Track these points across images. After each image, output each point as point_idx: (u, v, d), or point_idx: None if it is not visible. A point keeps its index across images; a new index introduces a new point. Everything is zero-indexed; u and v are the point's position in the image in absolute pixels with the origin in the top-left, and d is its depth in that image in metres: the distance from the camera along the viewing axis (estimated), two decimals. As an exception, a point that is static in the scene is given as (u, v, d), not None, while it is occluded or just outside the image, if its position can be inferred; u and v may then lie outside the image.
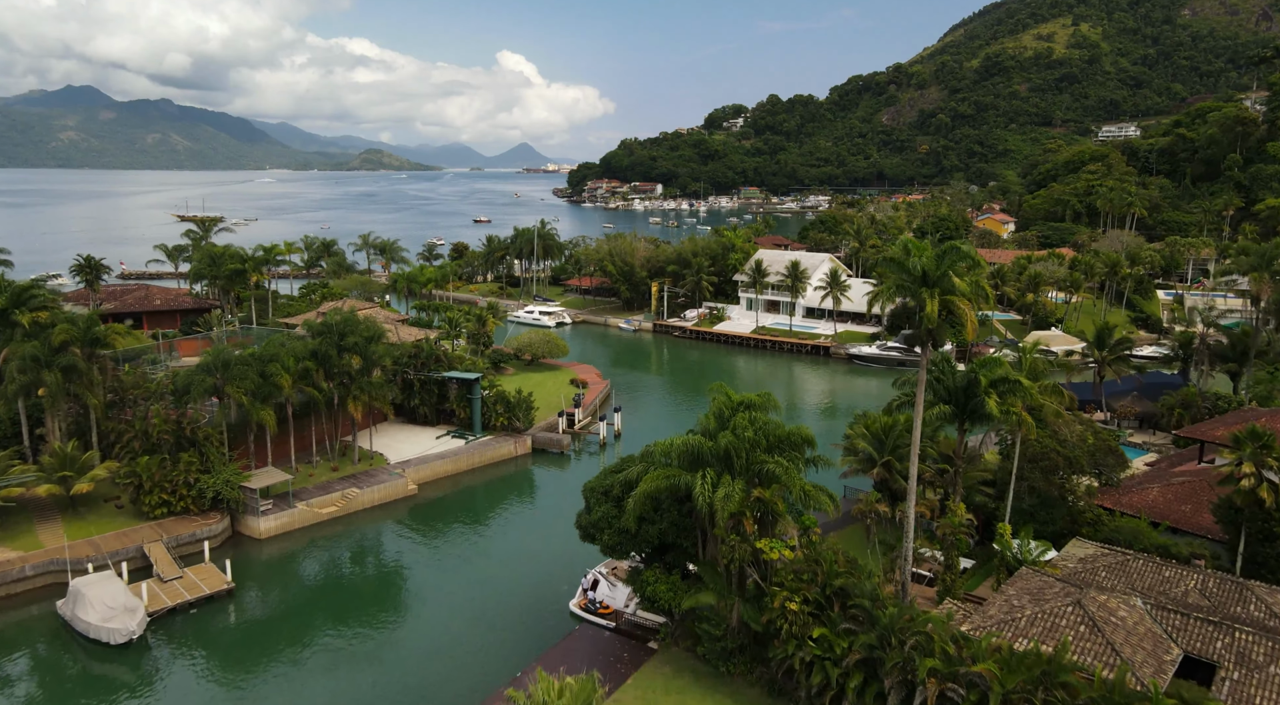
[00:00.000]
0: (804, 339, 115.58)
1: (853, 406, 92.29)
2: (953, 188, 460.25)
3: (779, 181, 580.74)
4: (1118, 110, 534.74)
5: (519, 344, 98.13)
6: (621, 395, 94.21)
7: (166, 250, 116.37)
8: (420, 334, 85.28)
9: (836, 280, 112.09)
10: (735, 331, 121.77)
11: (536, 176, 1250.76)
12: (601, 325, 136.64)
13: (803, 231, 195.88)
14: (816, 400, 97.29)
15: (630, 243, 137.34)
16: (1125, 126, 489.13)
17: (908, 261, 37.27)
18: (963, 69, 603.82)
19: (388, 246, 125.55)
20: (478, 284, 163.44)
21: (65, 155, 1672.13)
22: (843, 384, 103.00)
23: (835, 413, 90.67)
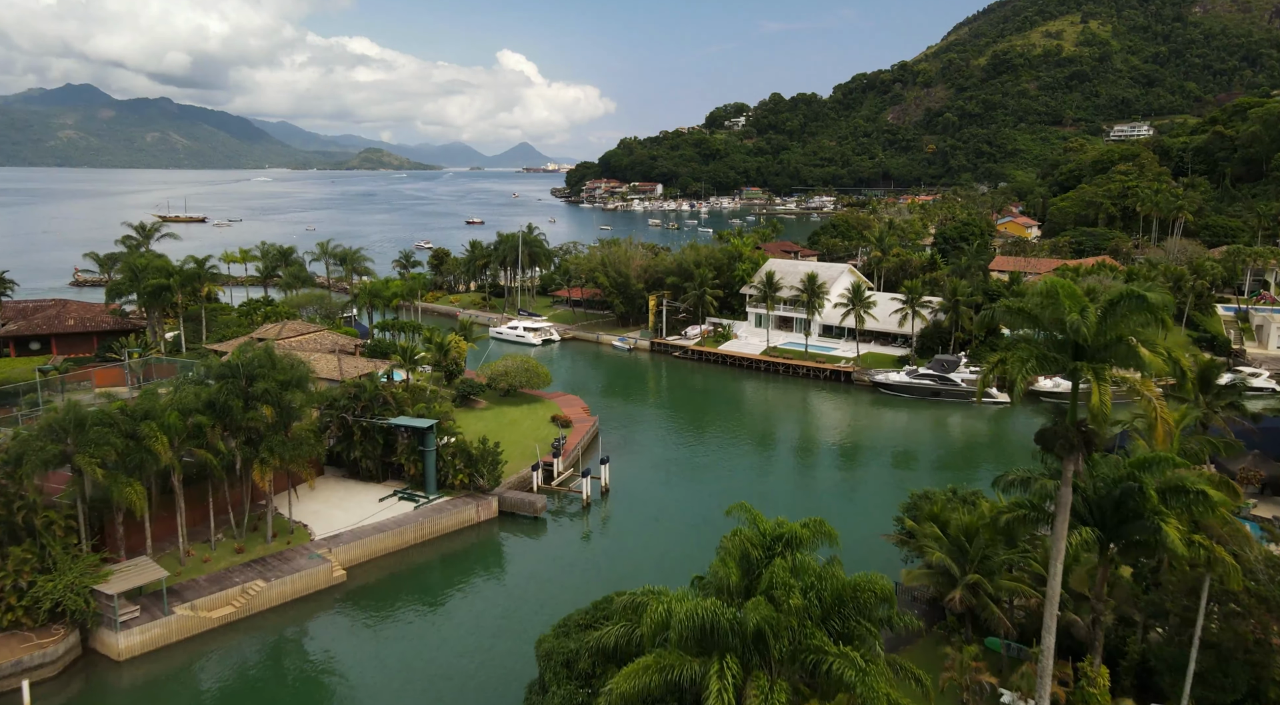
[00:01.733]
0: (821, 362, 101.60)
1: (883, 449, 78.32)
2: (965, 188, 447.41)
3: (782, 182, 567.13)
4: (1130, 109, 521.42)
5: (494, 373, 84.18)
6: (612, 434, 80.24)
7: (98, 258, 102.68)
8: (372, 366, 71.31)
9: (859, 296, 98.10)
10: (743, 352, 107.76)
11: (536, 176, 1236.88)
12: (593, 343, 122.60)
13: (813, 236, 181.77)
14: (838, 438, 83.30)
15: (625, 251, 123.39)
16: (1138, 125, 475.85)
17: (1063, 314, 23.04)
18: (970, 67, 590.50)
19: (349, 255, 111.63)
20: (459, 294, 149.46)
21: (64, 154, 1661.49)
22: (869, 418, 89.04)
23: (863, 457, 76.62)
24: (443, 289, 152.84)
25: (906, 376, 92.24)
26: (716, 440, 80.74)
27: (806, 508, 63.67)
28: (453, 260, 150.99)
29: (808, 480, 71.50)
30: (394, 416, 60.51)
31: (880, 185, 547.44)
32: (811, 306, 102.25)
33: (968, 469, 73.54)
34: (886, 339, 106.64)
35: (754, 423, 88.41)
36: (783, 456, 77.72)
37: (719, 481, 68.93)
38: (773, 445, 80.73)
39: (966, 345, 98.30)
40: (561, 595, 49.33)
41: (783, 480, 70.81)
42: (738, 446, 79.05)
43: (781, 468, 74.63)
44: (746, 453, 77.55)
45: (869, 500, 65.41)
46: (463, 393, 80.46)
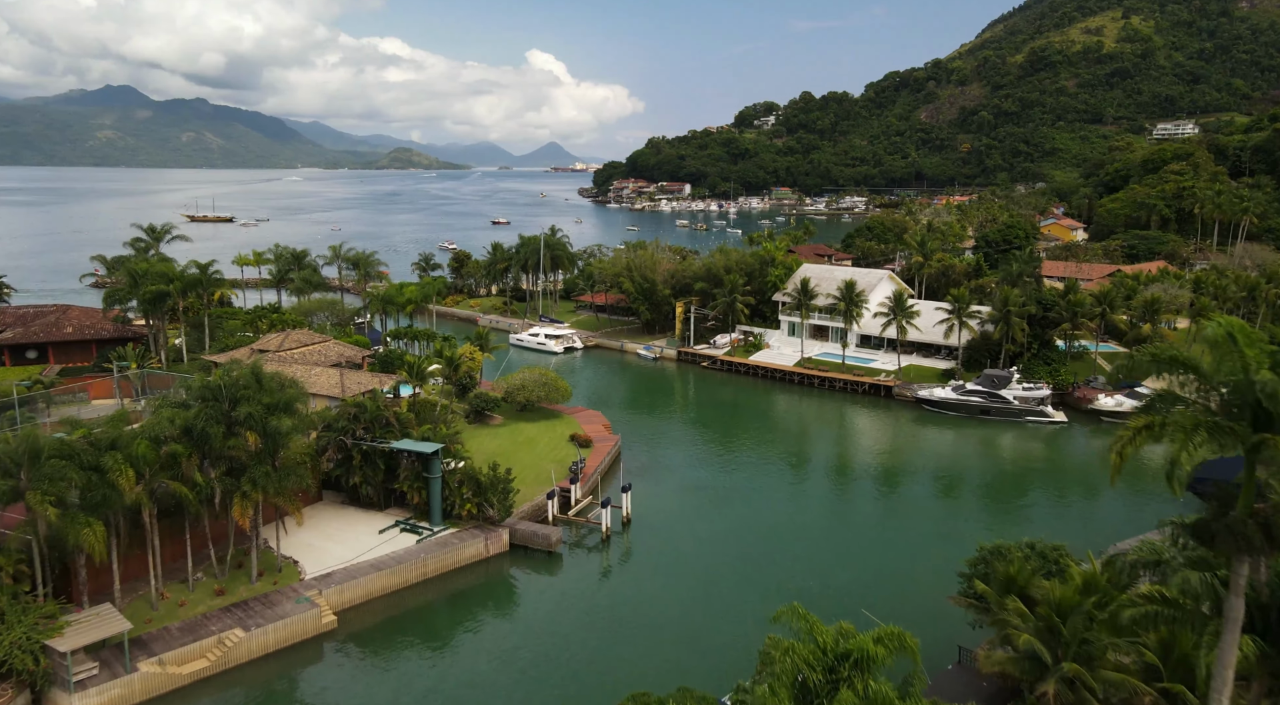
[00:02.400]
0: (859, 375, 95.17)
1: (930, 474, 71.86)
2: (1001, 189, 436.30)
3: (812, 182, 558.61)
4: (1174, 107, 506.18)
5: (510, 386, 78.94)
6: (635, 454, 74.62)
7: (105, 261, 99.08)
8: (377, 381, 66.31)
9: (901, 305, 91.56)
10: (776, 363, 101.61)
11: (564, 176, 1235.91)
12: (617, 351, 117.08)
13: (848, 239, 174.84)
14: (880, 461, 76.94)
15: (652, 255, 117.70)
16: (1183, 124, 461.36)
17: (1246, 370, 16.94)
18: (1006, 64, 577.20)
19: (362, 259, 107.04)
20: (480, 298, 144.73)
21: (102, 154, 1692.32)
22: (912, 438, 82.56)
23: (909, 483, 70.23)
24: (463, 293, 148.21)
25: (953, 393, 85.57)
26: (747, 462, 74.82)
27: (849, 547, 57.59)
28: (473, 263, 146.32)
29: (848, 511, 65.32)
30: (396, 440, 55.41)
31: (913, 185, 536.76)
32: (849, 316, 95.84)
33: (1026, 498, 66.97)
34: (929, 351, 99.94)
35: (787, 442, 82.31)
36: (820, 482, 71.60)
37: (750, 512, 63.05)
38: (808, 468, 74.63)
39: (1017, 359, 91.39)
40: (579, 654, 44.11)
41: (821, 511, 64.70)
42: (770, 470, 73.07)
43: (819, 496, 68.52)
44: (780, 477, 71.55)
45: (918, 536, 59.19)
46: (476, 408, 75.33)
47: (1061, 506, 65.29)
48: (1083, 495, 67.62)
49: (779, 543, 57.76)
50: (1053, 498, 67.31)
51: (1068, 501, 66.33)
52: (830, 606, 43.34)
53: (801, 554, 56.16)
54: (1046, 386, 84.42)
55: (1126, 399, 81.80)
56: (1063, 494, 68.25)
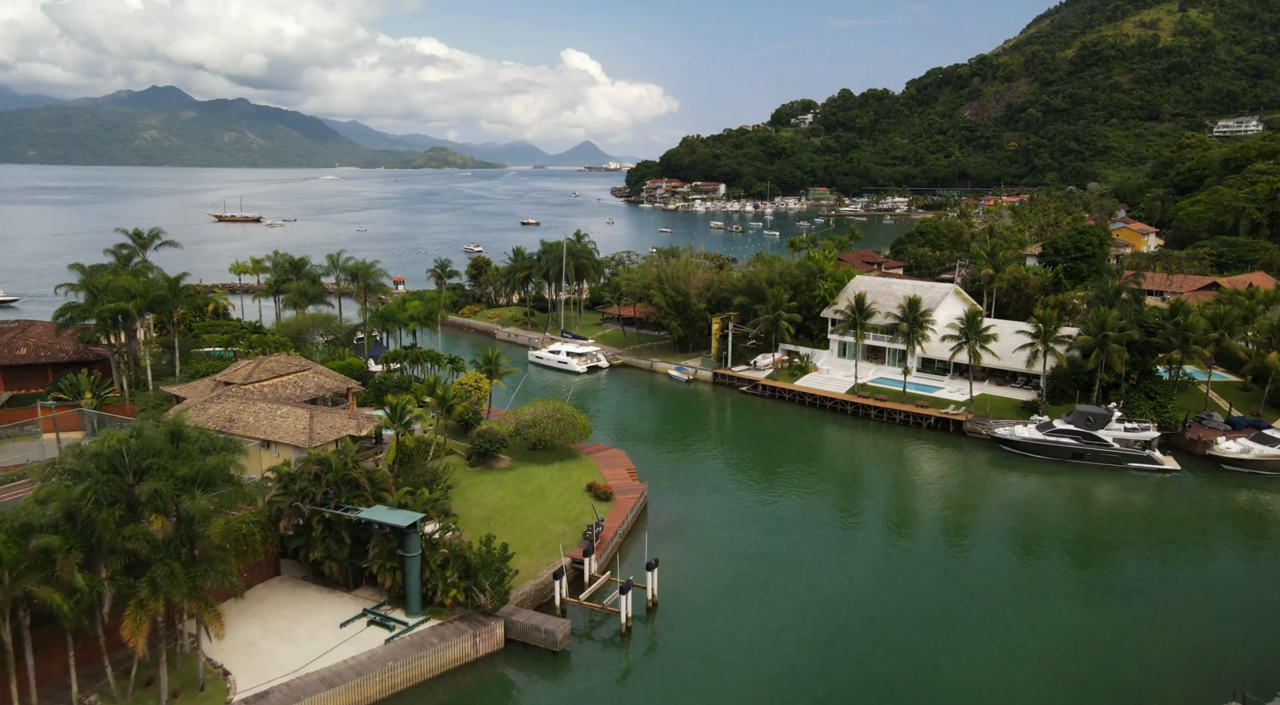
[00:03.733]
0: (924, 407, 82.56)
1: (1021, 536, 59.21)
2: (1051, 189, 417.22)
3: (851, 181, 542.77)
4: (1236, 103, 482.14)
5: (521, 422, 67.83)
6: (664, 506, 63.13)
7: (83, 269, 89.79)
8: (353, 424, 55.47)
9: (976, 327, 78.79)
10: (825, 390, 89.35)
11: (597, 175, 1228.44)
12: (646, 371, 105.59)
13: (897, 245, 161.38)
14: (959, 519, 64.49)
15: (685, 264, 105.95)
16: (1246, 120, 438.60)
17: None
18: (1056, 59, 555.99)
19: (361, 270, 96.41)
20: (499, 309, 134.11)
21: (148, 153, 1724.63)
22: (993, 487, 69.96)
23: (997, 555, 57.65)
24: (481, 302, 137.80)
25: (1040, 433, 72.64)
26: (798, 517, 62.83)
27: (926, 637, 45.22)
28: (493, 270, 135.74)
29: (932, 601, 52.68)
30: (367, 506, 44.49)
31: (956, 185, 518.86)
32: (912, 338, 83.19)
33: (1144, 569, 54.08)
34: (1003, 377, 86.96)
35: (843, 490, 70.13)
36: (888, 550, 59.34)
37: (804, 590, 51.16)
38: (869, 527, 62.41)
39: (1111, 391, 78.20)
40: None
41: (896, 598, 52.25)
42: (825, 528, 61.05)
43: (890, 569, 56.23)
44: (838, 541, 59.48)
45: (1028, 637, 46.86)
46: (480, 450, 64.33)
47: (1194, 569, 52.42)
48: (1221, 567, 54.66)
49: (841, 628, 46.02)
50: (1182, 568, 54.41)
51: (1202, 574, 53.40)
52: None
53: (874, 643, 44.24)
54: (1152, 426, 71.25)
55: (1254, 444, 68.36)
56: (1198, 560, 55.41)
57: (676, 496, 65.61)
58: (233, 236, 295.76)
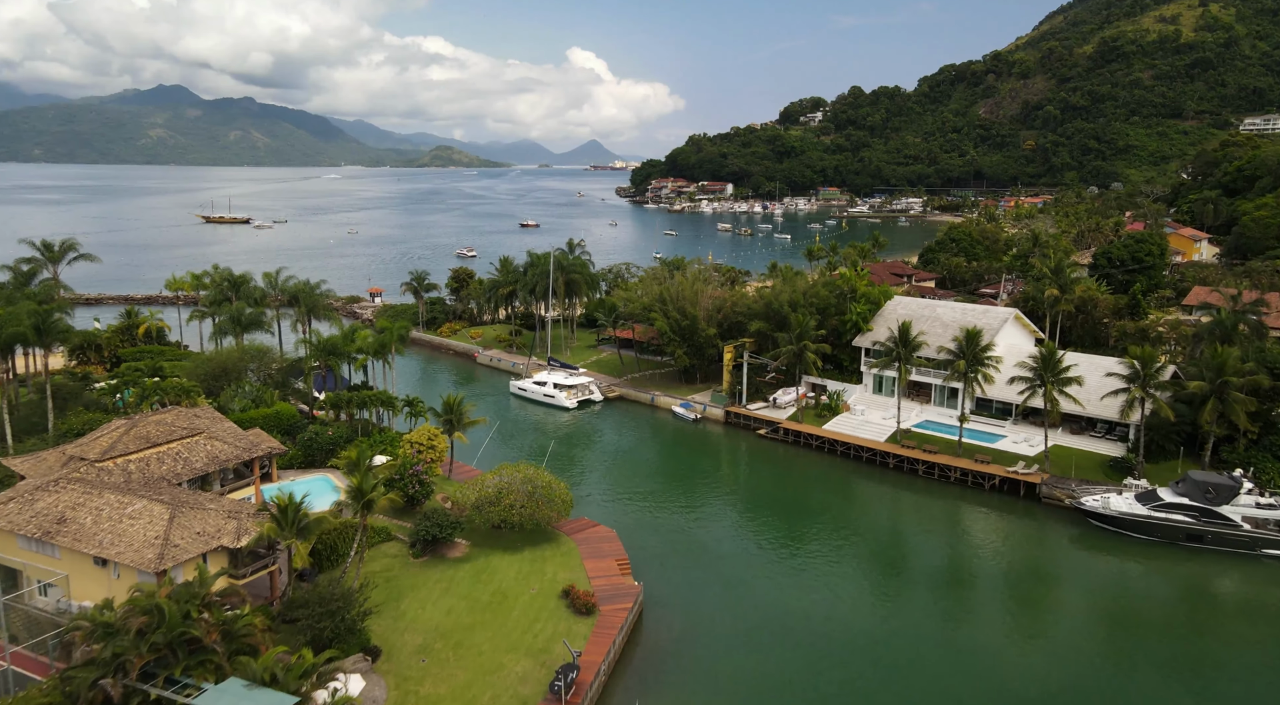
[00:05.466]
0: (986, 463, 67.26)
1: (1124, 651, 43.84)
2: (1070, 188, 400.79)
3: (862, 181, 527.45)
4: (1263, 99, 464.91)
5: (483, 495, 52.73)
6: (665, 608, 48.06)
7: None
8: (234, 526, 40.45)
9: (1053, 367, 63.38)
10: (861, 437, 74.12)
11: (603, 174, 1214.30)
12: (647, 405, 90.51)
13: (927, 254, 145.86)
14: (1040, 621, 49.26)
15: (692, 282, 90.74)
16: (1273, 118, 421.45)
17: None
18: (1074, 55, 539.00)
19: (303, 293, 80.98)
20: (482, 327, 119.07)
21: (154, 152, 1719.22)
22: (1080, 574, 54.75)
23: (1094, 660, 42.30)
24: (464, 318, 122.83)
25: (1142, 506, 57.31)
26: (840, 629, 47.60)
27: None
28: (476, 284, 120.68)
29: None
30: (214, 680, 29.53)
31: (972, 185, 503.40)
32: (970, 378, 67.83)
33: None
34: (1079, 424, 71.56)
35: (891, 582, 54.90)
36: (952, 678, 44.00)
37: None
38: (936, 641, 47.01)
39: (1221, 446, 62.87)
40: None
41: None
42: (878, 650, 45.77)
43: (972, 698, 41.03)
44: (899, 672, 44.16)
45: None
46: (427, 537, 49.37)
47: None
48: None
49: None
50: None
51: None
52: None
53: None
54: (1257, 491, 56.00)
55: None
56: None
57: (680, 599, 50.46)
58: (217, 239, 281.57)
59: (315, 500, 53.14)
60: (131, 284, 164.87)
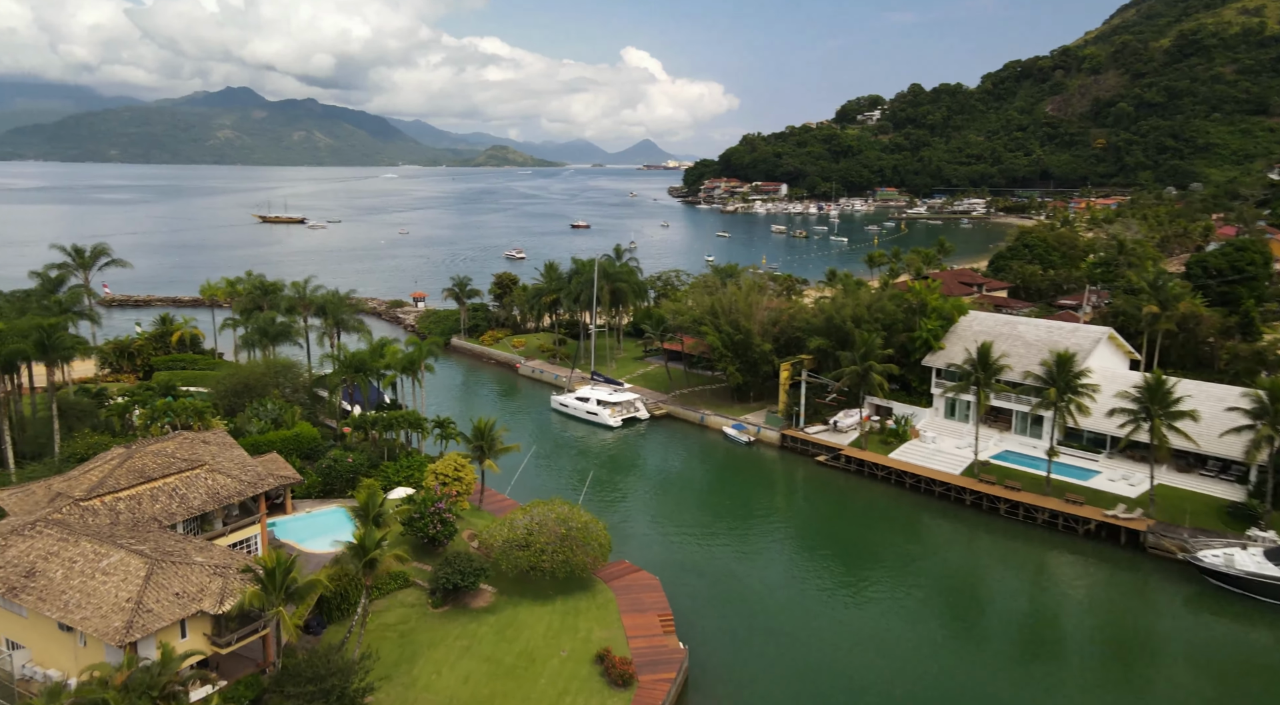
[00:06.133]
0: (1079, 503, 59.52)
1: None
2: (1145, 189, 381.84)
3: (922, 181, 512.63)
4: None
5: (510, 537, 47.34)
6: (712, 689, 41.97)
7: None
8: (219, 583, 35.61)
9: (1163, 397, 55.42)
10: (933, 469, 66.89)
11: (656, 174, 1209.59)
12: (696, 425, 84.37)
13: (997, 261, 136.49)
14: (1150, 698, 41.79)
15: (746, 293, 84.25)
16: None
17: None
18: (1149, 50, 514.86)
19: (331, 302, 76.48)
20: (524, 336, 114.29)
21: (221, 152, 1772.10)
22: (1199, 646, 46.98)
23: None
24: (506, 326, 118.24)
25: (1273, 564, 49.19)
26: (902, 692, 41.01)
27: None
28: (519, 290, 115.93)
29: None
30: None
31: (1037, 185, 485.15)
32: (1062, 409, 60.09)
33: None
34: (1187, 459, 63.18)
35: (968, 644, 47.84)
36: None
37: None
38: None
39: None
40: None
41: None
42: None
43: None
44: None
45: None
46: (448, 585, 44.18)
47: None
48: None
49: None
50: None
51: None
52: None
53: None
54: None
55: None
56: None
57: (729, 662, 44.33)
58: (272, 239, 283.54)
59: (328, 536, 48.60)
60: (182, 286, 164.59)
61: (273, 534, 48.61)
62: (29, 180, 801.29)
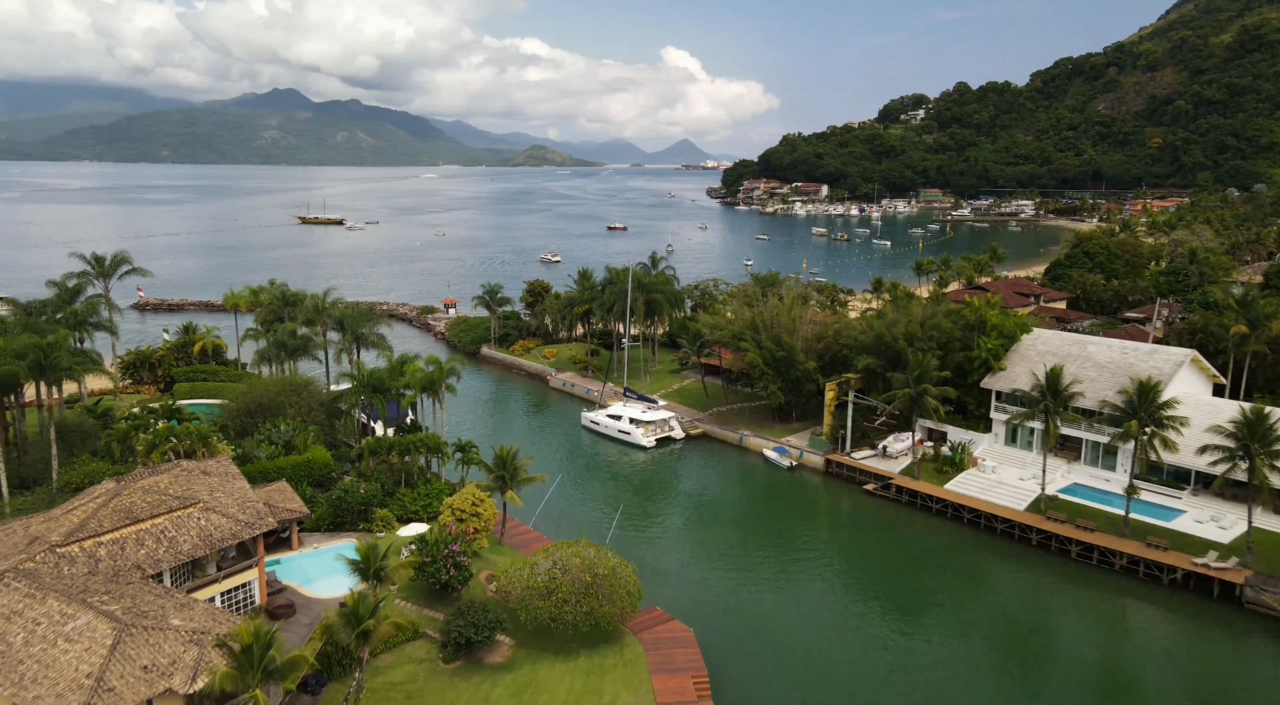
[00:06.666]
0: (1162, 550, 53.51)
1: None
2: (1204, 190, 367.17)
3: (967, 182, 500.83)
4: None
5: (529, 586, 43.04)
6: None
7: (15, 306, 70.40)
8: (193, 659, 31.82)
9: (1266, 435, 49.23)
10: (994, 504, 61.24)
11: (694, 173, 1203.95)
12: (734, 445, 79.46)
13: (1055, 269, 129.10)
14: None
15: (789, 308, 79.01)
16: None
17: None
18: (1209, 45, 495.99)
19: (349, 317, 72.55)
20: (556, 346, 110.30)
21: (267, 152, 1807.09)
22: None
23: None
24: (538, 335, 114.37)
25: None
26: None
27: None
28: (552, 298, 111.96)
29: None
30: None
31: (1089, 186, 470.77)
32: (1144, 443, 54.07)
33: None
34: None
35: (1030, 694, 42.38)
36: None
37: None
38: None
39: None
40: None
41: None
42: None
43: None
44: None
45: None
46: (460, 639, 40.05)
47: None
48: None
49: None
50: None
51: None
52: None
53: None
54: None
55: None
56: None
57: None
58: (310, 240, 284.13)
59: (337, 576, 44.86)
60: (217, 288, 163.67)
61: (274, 574, 44.93)
62: (81, 181, 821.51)
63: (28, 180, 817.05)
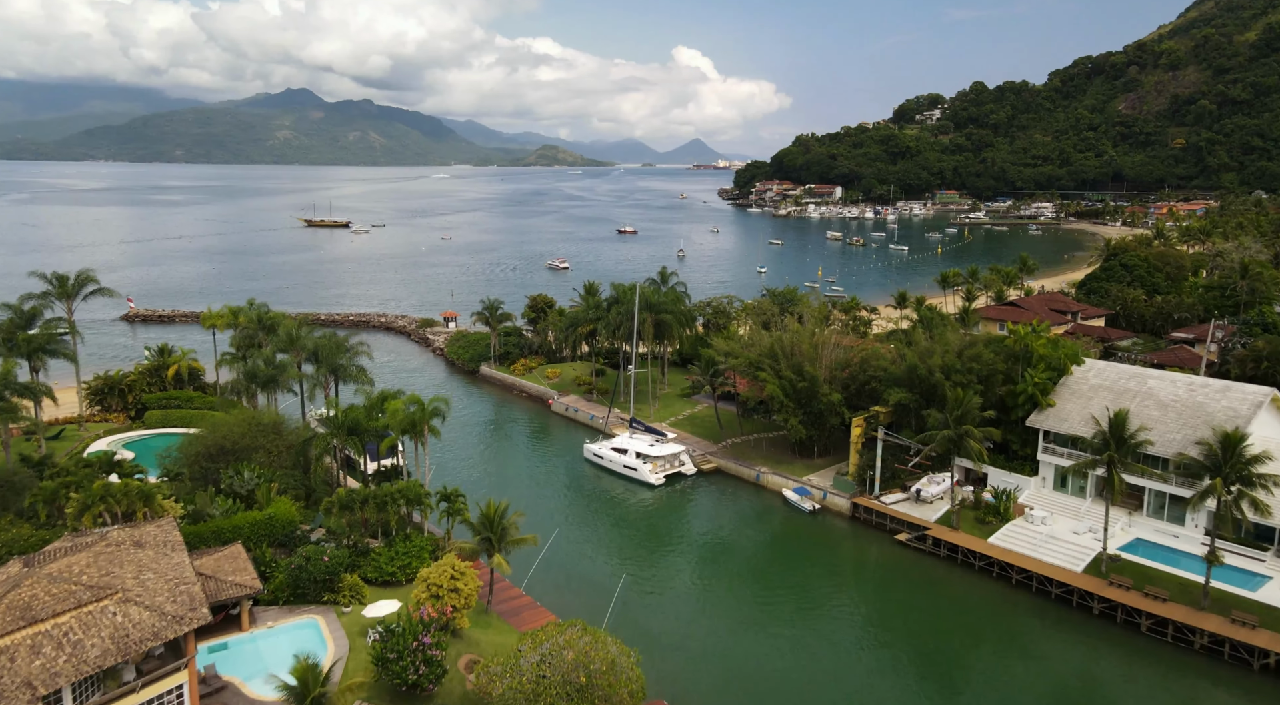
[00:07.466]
0: (1250, 628, 46.23)
1: None
2: (1230, 193, 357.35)
3: (984, 184, 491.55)
4: None
5: (514, 689, 36.24)
6: None
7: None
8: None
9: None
10: (1046, 563, 54.05)
11: (706, 173, 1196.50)
12: (750, 484, 72.49)
13: (1089, 283, 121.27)
14: None
15: (810, 334, 71.90)
16: None
17: None
18: (1233, 44, 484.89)
19: (325, 350, 65.04)
20: (559, 366, 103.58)
21: (280, 152, 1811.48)
22: None
23: None
24: (541, 353, 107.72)
25: None
26: None
27: None
28: (555, 314, 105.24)
29: None
30: None
31: (1109, 188, 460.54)
32: (1232, 503, 46.80)
33: None
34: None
35: None
36: None
37: None
38: None
39: None
40: None
41: None
42: None
43: None
44: None
45: None
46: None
47: None
48: None
49: None
50: None
51: None
52: None
53: None
54: None
55: None
56: None
57: None
58: (314, 244, 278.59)
59: (289, 668, 38.13)
60: (213, 297, 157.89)
61: (214, 667, 38.34)
62: (94, 181, 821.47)
63: (41, 180, 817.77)
